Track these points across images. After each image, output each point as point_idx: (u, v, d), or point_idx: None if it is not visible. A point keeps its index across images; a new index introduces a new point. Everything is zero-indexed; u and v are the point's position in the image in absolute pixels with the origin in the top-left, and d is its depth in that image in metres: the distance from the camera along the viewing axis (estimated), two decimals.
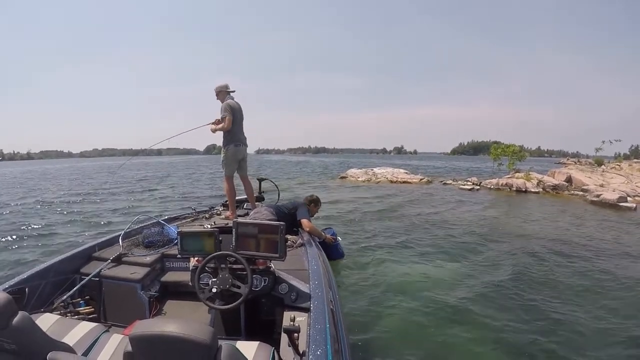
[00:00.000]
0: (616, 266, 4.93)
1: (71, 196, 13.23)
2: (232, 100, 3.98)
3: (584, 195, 13.08)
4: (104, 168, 36.60)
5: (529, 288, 4.04)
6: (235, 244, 1.97)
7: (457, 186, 15.75)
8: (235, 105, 3.97)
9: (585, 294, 3.95)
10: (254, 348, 1.57)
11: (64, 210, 9.77)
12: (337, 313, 2.03)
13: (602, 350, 2.84)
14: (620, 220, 8.87)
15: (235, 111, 3.94)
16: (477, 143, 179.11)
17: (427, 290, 3.91)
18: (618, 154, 30.50)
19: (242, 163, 4.17)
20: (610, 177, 16.19)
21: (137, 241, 2.82)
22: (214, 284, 1.91)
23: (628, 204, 10.93)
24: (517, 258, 5.17)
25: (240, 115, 4.01)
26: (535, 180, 15.18)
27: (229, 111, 3.88)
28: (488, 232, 7.01)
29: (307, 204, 3.84)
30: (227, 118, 3.87)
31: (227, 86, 4.05)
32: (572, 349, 2.83)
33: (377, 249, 5.53)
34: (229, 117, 3.87)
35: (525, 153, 19.84)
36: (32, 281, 2.08)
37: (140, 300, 2.26)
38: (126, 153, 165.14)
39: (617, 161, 21.71)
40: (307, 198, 4.01)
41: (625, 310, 3.55)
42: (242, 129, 4.08)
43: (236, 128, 3.99)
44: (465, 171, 27.16)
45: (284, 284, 2.01)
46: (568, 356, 2.74)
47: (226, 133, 3.97)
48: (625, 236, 6.96)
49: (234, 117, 3.91)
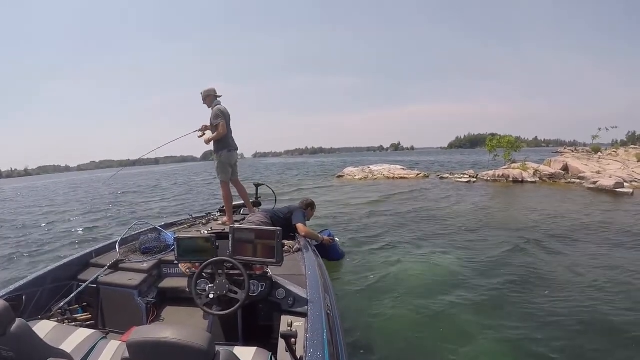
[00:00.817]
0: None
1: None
2: (221, 105, 3.92)
3: (580, 182, 13.09)
4: (95, 180, 36.31)
5: (529, 283, 3.96)
6: (232, 250, 1.97)
7: (454, 179, 15.75)
8: (225, 110, 3.92)
9: (592, 285, 3.84)
10: (251, 353, 1.57)
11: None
12: (334, 318, 2.03)
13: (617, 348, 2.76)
14: (618, 205, 8.89)
15: (226, 116, 3.89)
16: (474, 136, 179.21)
17: (425, 290, 3.83)
18: (615, 140, 30.60)
19: (234, 168, 4.14)
20: (607, 163, 16.24)
21: (134, 247, 2.81)
22: (211, 289, 1.91)
23: (625, 189, 10.95)
24: (516, 251, 5.11)
25: (229, 120, 3.97)
26: (532, 170, 15.18)
27: (222, 117, 3.82)
28: (485, 224, 6.98)
29: (303, 208, 3.80)
30: (222, 124, 3.82)
31: (215, 90, 3.98)
32: (582, 345, 2.77)
33: (373, 248, 5.49)
34: (223, 123, 3.82)
35: (521, 143, 19.89)
36: (30, 288, 2.08)
37: (137, 307, 2.26)
38: (123, 164, 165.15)
39: (614, 148, 21.78)
40: (302, 202, 3.98)
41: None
42: (231, 133, 4.04)
43: (228, 133, 3.95)
44: (463, 164, 27.21)
45: (281, 289, 2.01)
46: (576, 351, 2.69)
47: (218, 139, 3.90)
48: (624, 219, 6.98)
49: (226, 122, 3.86)
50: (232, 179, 4.13)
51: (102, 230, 8.43)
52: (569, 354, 2.66)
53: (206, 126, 3.96)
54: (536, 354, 2.67)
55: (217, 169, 4.01)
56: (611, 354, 2.66)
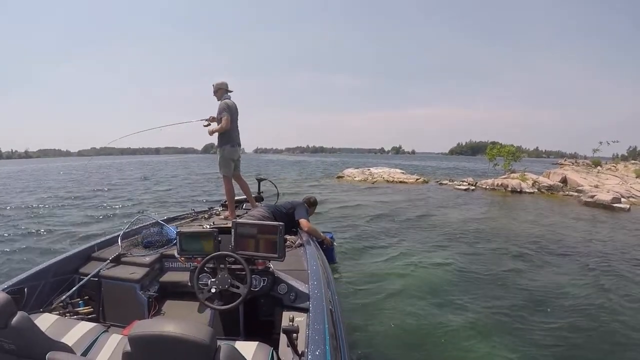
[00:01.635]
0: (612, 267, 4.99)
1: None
2: (230, 100, 3.94)
3: (578, 195, 13.14)
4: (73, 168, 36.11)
5: (519, 288, 4.09)
6: (234, 244, 1.97)
7: (453, 186, 15.82)
8: (233, 105, 3.94)
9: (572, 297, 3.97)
10: (252, 348, 1.57)
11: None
12: (336, 313, 2.03)
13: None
14: (614, 221, 8.94)
15: (232, 111, 3.90)
16: (475, 143, 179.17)
17: (423, 289, 3.93)
18: (616, 155, 30.70)
19: (236, 163, 4.16)
20: (605, 178, 16.30)
21: (136, 241, 2.80)
22: (213, 284, 1.90)
23: (621, 204, 10.99)
24: (507, 259, 5.24)
25: (236, 115, 3.98)
26: (531, 180, 15.25)
27: (227, 111, 3.82)
28: (481, 232, 7.04)
29: (306, 204, 3.79)
30: (225, 118, 3.81)
31: (226, 85, 4.00)
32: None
33: (372, 249, 5.56)
34: (226, 117, 3.81)
35: (521, 153, 19.93)
36: (31, 281, 2.08)
37: (139, 301, 2.25)
38: (124, 152, 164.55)
39: (615, 162, 21.85)
40: (305, 198, 3.98)
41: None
42: (237, 129, 4.06)
43: (232, 129, 3.96)
44: (463, 171, 27.27)
45: (283, 284, 2.01)
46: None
47: (222, 133, 3.91)
48: (616, 236, 7.02)
49: (231, 118, 3.88)
50: (234, 174, 4.15)
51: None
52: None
53: (213, 117, 3.98)
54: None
55: (220, 163, 4.02)
56: None
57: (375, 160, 45.99)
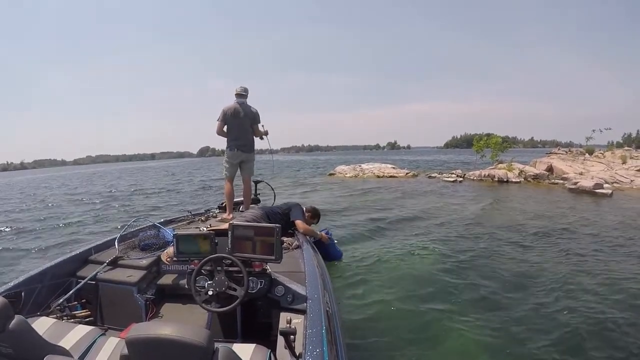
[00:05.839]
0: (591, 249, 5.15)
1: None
2: (230, 104, 4.08)
3: (563, 183, 13.35)
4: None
5: (513, 280, 4.07)
6: (231, 247, 1.96)
7: (442, 179, 16.00)
8: (230, 109, 4.05)
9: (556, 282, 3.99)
10: (250, 350, 1.58)
11: None
12: (334, 314, 2.03)
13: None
14: (594, 206, 9.15)
15: (227, 116, 4.05)
16: (471, 136, 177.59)
17: (422, 288, 3.84)
18: (611, 142, 30.78)
19: (243, 165, 4.27)
20: (591, 165, 16.52)
21: (133, 244, 2.80)
22: (210, 286, 1.90)
23: (604, 190, 11.18)
24: (495, 248, 5.30)
25: (236, 119, 4.06)
26: (517, 170, 15.44)
27: (221, 117, 4.06)
28: (468, 222, 7.13)
29: (308, 211, 3.80)
30: (217, 124, 4.10)
31: (239, 89, 4.16)
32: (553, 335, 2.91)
33: (364, 246, 5.49)
34: (219, 123, 4.09)
35: (515, 144, 20.01)
36: (28, 285, 2.06)
37: (136, 303, 2.24)
38: (119, 159, 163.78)
39: (609, 149, 22.07)
40: (307, 209, 3.91)
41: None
42: (240, 133, 4.14)
43: (231, 132, 4.13)
44: (455, 163, 27.41)
45: (280, 286, 2.01)
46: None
47: (227, 136, 4.17)
48: (594, 219, 7.23)
49: (226, 122, 4.09)
50: (242, 176, 4.33)
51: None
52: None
53: None
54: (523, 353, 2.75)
55: (223, 165, 4.30)
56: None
57: (370, 157, 45.92)
